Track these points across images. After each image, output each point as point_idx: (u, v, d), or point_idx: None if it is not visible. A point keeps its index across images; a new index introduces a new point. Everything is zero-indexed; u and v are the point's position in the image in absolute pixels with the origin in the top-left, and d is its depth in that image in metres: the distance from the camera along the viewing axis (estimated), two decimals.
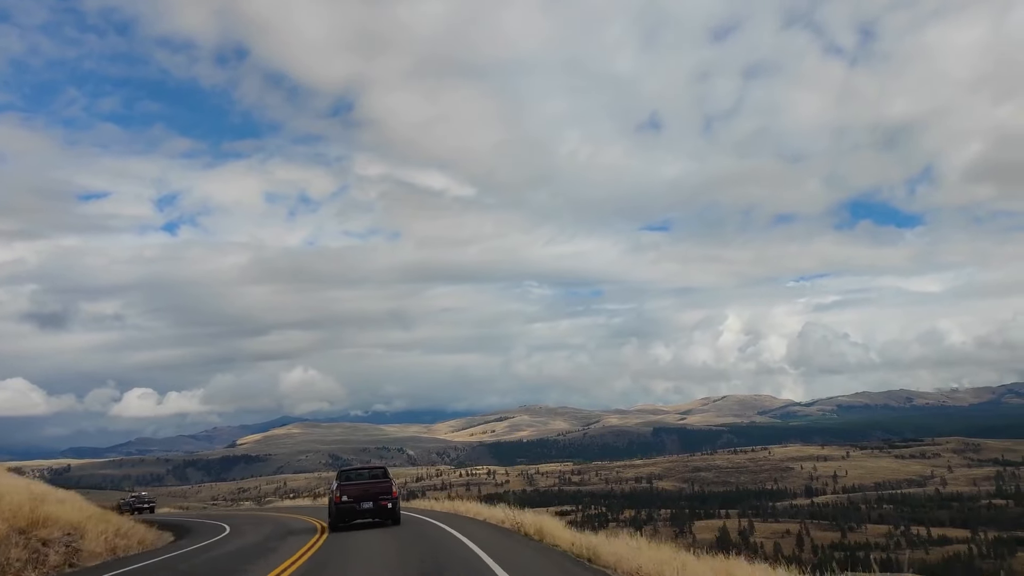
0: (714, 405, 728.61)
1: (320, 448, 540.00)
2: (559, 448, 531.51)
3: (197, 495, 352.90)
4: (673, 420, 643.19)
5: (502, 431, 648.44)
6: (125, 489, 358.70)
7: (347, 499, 23.42)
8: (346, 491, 23.70)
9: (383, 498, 23.55)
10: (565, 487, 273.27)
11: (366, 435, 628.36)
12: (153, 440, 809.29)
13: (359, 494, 23.62)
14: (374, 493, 23.67)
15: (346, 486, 23.98)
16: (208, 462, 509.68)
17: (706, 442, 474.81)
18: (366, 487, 24.03)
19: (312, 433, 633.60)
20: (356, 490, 23.77)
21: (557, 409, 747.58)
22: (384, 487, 24.05)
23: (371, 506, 23.38)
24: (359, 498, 23.49)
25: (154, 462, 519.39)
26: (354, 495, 23.55)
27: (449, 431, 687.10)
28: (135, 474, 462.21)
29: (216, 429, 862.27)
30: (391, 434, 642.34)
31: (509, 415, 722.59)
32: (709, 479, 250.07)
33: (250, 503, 77.45)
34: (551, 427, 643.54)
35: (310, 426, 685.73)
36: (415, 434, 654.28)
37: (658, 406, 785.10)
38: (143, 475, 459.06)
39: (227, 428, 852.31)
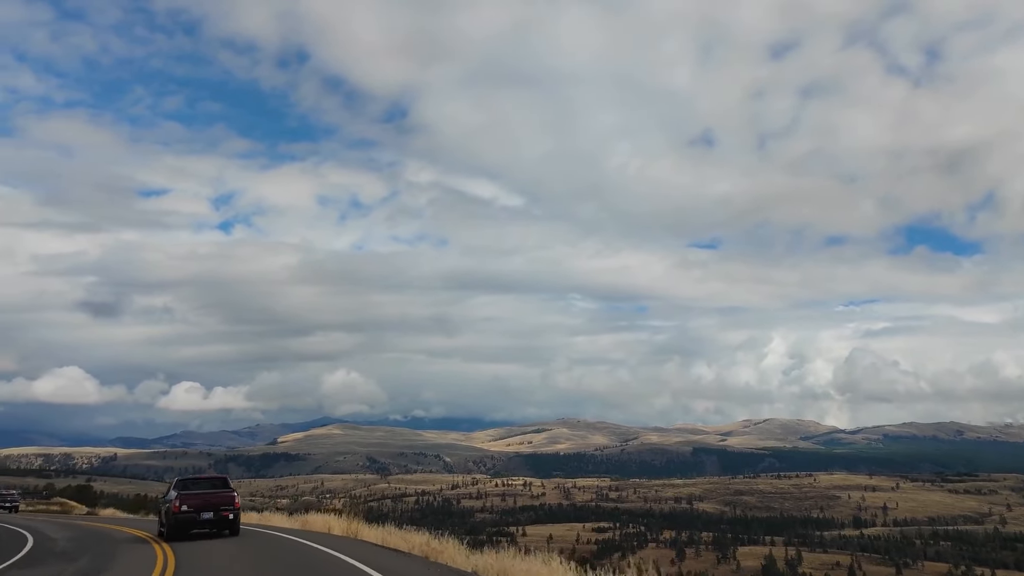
0: (756, 428, 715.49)
1: (358, 450, 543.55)
2: (596, 463, 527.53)
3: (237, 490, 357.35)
4: (713, 441, 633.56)
5: (539, 443, 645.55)
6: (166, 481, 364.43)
7: (187, 509, 22.26)
8: (186, 500, 22.51)
9: (225, 509, 22.50)
10: (602, 503, 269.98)
11: (404, 440, 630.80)
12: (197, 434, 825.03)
13: (200, 504, 22.50)
14: (215, 503, 22.60)
15: (186, 495, 22.73)
16: (249, 458, 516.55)
17: (747, 465, 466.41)
18: (208, 497, 22.92)
19: (351, 435, 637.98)
20: (197, 500, 22.62)
21: (596, 424, 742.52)
22: (227, 497, 23.03)
23: (212, 516, 22.34)
24: (200, 508, 22.39)
25: (197, 455, 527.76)
26: (195, 505, 22.41)
27: (487, 440, 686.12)
28: (178, 466, 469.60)
29: (259, 426, 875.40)
30: (429, 440, 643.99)
31: (547, 427, 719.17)
32: (751, 503, 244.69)
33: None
34: (589, 441, 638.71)
35: (350, 428, 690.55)
36: (453, 441, 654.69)
37: (698, 426, 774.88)
38: (186, 467, 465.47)
39: (269, 425, 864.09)
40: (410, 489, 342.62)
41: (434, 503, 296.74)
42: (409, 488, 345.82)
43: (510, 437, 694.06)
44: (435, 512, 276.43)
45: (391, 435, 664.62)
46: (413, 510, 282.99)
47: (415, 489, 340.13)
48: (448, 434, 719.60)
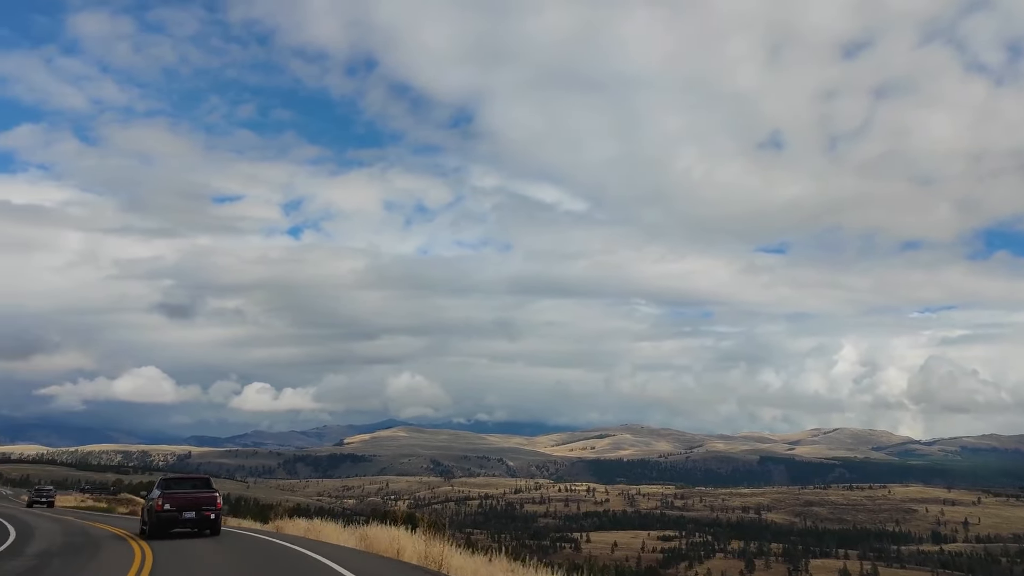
0: (825, 437, 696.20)
1: (422, 453, 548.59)
2: (660, 470, 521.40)
3: (304, 490, 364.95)
4: (781, 450, 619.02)
5: (602, 448, 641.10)
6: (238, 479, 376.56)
7: (170, 508, 22.40)
8: (169, 500, 22.65)
9: (207, 508, 22.59)
10: (668, 511, 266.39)
11: (467, 443, 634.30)
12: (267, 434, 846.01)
13: (183, 503, 22.61)
14: (198, 503, 22.67)
15: (169, 495, 22.87)
16: (317, 458, 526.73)
17: (816, 475, 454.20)
18: (190, 497, 23.00)
19: (416, 437, 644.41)
20: (180, 499, 22.72)
21: (659, 430, 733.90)
22: (209, 497, 23.09)
23: (194, 516, 22.45)
24: (182, 507, 22.49)
25: (267, 455, 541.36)
26: (177, 504, 22.53)
27: (549, 445, 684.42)
28: (249, 465, 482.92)
29: (326, 427, 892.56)
30: (492, 444, 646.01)
31: (610, 433, 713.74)
32: (823, 515, 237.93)
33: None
34: (653, 448, 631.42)
35: (414, 430, 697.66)
36: (516, 446, 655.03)
37: (764, 434, 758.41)
38: (256, 467, 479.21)
39: (336, 427, 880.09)
40: (473, 492, 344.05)
41: (497, 507, 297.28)
42: (472, 491, 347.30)
43: (573, 442, 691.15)
44: (498, 516, 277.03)
45: (455, 438, 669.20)
46: (476, 513, 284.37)
47: (478, 492, 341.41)
48: (511, 438, 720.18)
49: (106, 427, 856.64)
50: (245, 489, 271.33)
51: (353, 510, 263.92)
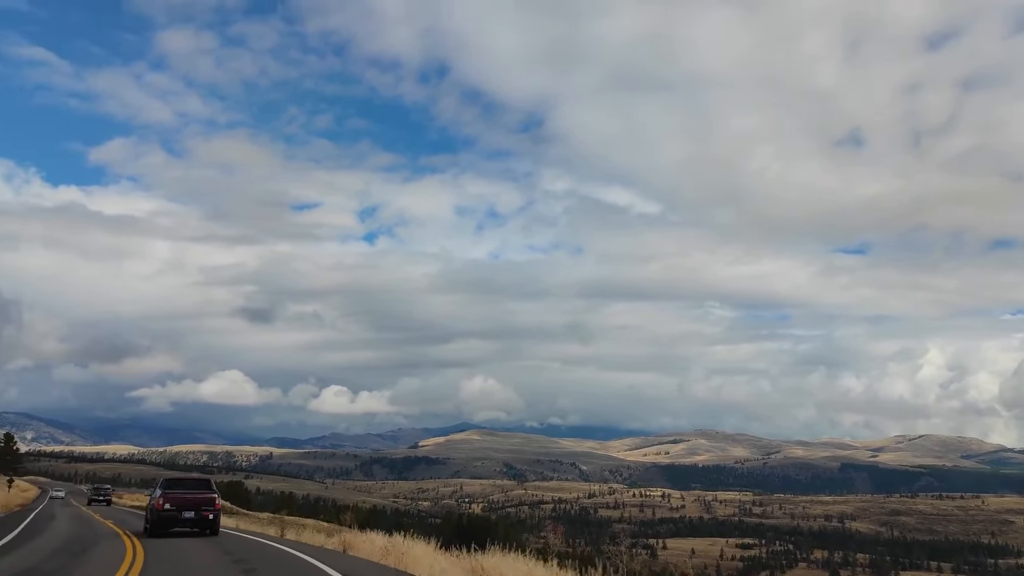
0: (910, 444, 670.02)
1: (495, 456, 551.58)
2: (736, 476, 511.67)
3: (380, 491, 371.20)
4: (863, 457, 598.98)
5: (677, 454, 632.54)
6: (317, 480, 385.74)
7: (170, 507, 22.61)
8: (169, 499, 22.87)
9: (206, 509, 22.81)
10: (746, 518, 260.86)
11: (540, 447, 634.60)
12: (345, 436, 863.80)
13: (182, 503, 22.82)
14: (197, 503, 22.90)
15: (169, 494, 23.11)
16: (392, 460, 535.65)
17: (902, 483, 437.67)
18: (190, 497, 23.24)
19: (489, 441, 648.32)
20: (180, 499, 22.95)
21: (735, 435, 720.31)
22: (208, 498, 23.32)
23: (193, 516, 22.67)
24: (182, 507, 22.71)
25: (344, 456, 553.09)
26: (177, 503, 22.75)
27: (623, 449, 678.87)
28: (327, 466, 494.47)
29: (401, 430, 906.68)
30: (565, 448, 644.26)
31: (684, 438, 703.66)
32: (910, 525, 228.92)
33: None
34: (729, 454, 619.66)
35: (487, 434, 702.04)
36: (589, 450, 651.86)
37: (845, 440, 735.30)
38: (334, 468, 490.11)
39: (411, 430, 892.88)
40: (547, 496, 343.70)
41: (571, 511, 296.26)
42: (546, 495, 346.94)
43: (646, 447, 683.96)
44: (572, 520, 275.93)
45: (527, 442, 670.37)
46: (550, 517, 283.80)
47: (552, 496, 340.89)
48: (584, 442, 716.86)
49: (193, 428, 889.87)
50: (323, 490, 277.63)
51: (428, 512, 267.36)
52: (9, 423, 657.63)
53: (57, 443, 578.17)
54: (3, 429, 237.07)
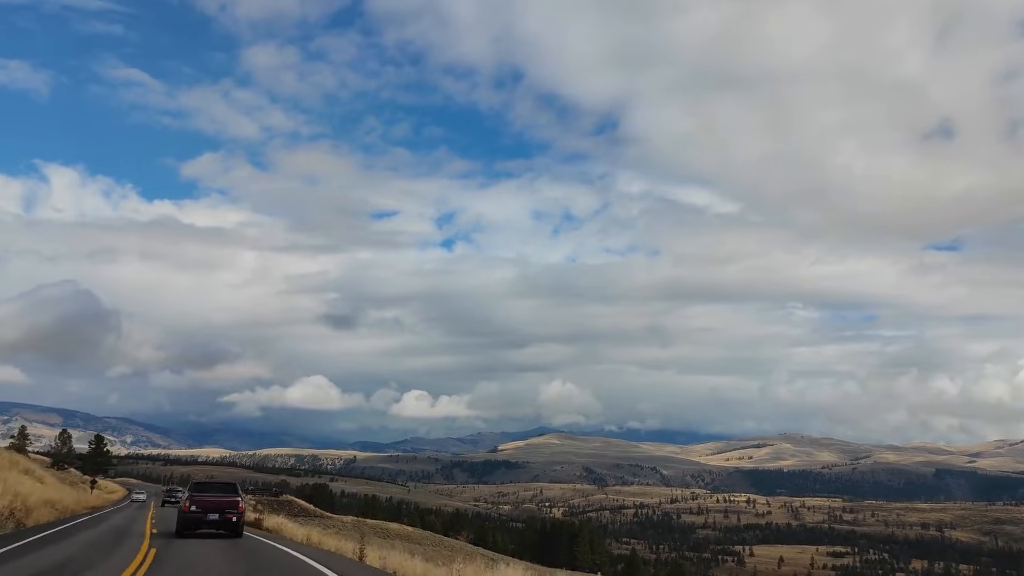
0: (1012, 449, 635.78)
1: (575, 460, 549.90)
2: (824, 482, 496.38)
3: (461, 495, 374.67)
4: (960, 462, 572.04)
5: (761, 458, 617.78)
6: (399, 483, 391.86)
7: (195, 509, 23.48)
8: (196, 501, 23.77)
9: (229, 511, 23.65)
10: (836, 525, 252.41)
11: (620, 451, 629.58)
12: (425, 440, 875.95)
13: (208, 505, 23.66)
14: (222, 506, 23.73)
15: (196, 497, 24.12)
16: (472, 464, 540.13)
17: (1003, 490, 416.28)
18: (215, 500, 24.11)
19: (568, 445, 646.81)
20: (205, 501, 23.83)
21: (821, 440, 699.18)
22: (232, 501, 24.13)
23: (217, 518, 23.50)
24: (207, 509, 23.55)
25: (425, 460, 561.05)
26: (203, 506, 23.60)
27: (705, 454, 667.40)
28: (409, 470, 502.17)
29: (480, 434, 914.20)
30: (645, 452, 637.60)
31: (768, 442, 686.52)
32: (1016, 535, 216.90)
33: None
34: (816, 458, 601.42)
35: (566, 438, 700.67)
36: (669, 454, 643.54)
37: (940, 445, 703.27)
38: (416, 471, 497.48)
39: (490, 433, 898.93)
40: (628, 501, 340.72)
41: (653, 516, 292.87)
42: (627, 500, 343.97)
43: (729, 451, 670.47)
44: (655, 526, 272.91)
45: (607, 446, 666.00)
46: (632, 523, 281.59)
47: (633, 501, 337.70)
48: (664, 447, 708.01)
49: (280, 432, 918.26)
50: (406, 493, 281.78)
51: (509, 516, 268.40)
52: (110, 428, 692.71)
53: (154, 447, 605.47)
54: (104, 433, 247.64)
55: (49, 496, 29.96)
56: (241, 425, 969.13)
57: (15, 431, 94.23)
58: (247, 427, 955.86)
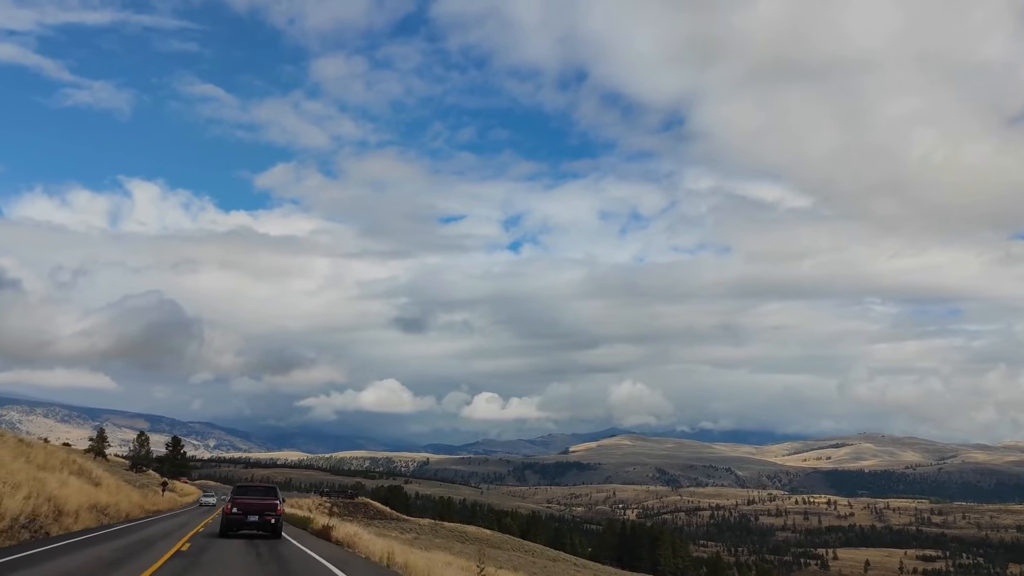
0: None
1: (647, 461, 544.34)
2: (908, 482, 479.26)
3: (534, 497, 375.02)
4: None
5: (840, 458, 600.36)
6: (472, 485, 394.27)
7: (237, 511, 24.43)
8: (237, 504, 24.72)
9: (268, 514, 24.55)
10: (923, 527, 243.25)
11: (693, 452, 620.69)
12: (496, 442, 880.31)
13: (248, 508, 24.62)
14: (261, 508, 24.66)
15: (238, 499, 25.10)
16: (544, 466, 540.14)
17: None
18: (255, 502, 25.01)
19: (640, 446, 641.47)
20: (246, 504, 24.77)
21: (904, 439, 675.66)
22: (270, 504, 24.98)
23: (257, 519, 24.49)
24: (247, 511, 24.51)
25: (497, 462, 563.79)
26: (243, 508, 24.56)
27: (781, 454, 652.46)
28: (481, 472, 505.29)
29: (551, 435, 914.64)
30: (719, 453, 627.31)
31: (847, 442, 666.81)
32: None
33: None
34: (898, 458, 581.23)
35: (638, 439, 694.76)
36: (744, 455, 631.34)
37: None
38: (488, 473, 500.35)
39: (561, 435, 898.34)
40: (703, 503, 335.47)
41: (730, 518, 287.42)
42: (702, 502, 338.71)
43: (806, 452, 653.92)
44: (732, 528, 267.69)
45: (680, 447, 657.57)
46: (708, 525, 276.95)
47: (708, 503, 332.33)
48: (739, 447, 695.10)
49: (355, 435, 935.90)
50: (479, 495, 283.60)
51: (583, 518, 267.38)
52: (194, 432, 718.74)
53: (236, 450, 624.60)
54: (188, 438, 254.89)
55: (98, 500, 27.90)
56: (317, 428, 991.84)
57: (106, 436, 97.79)
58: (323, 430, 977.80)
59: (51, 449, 36.29)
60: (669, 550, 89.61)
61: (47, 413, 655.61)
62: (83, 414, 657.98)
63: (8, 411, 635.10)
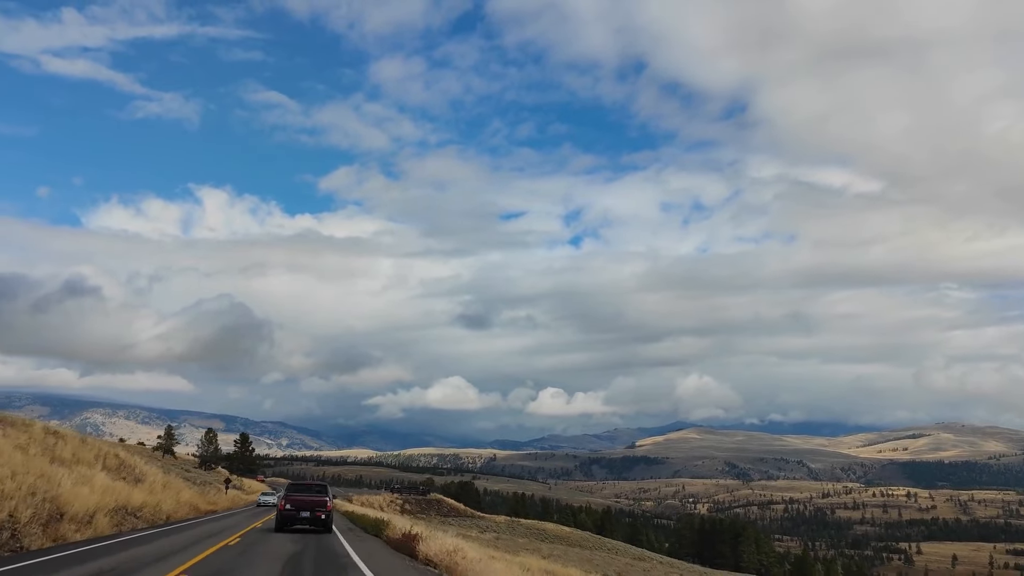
0: None
1: (716, 455, 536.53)
2: (992, 473, 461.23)
3: (601, 492, 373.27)
4: None
5: (917, 449, 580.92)
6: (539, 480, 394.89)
7: (290, 507, 25.75)
8: (290, 500, 26.10)
9: (319, 510, 25.81)
10: (1013, 520, 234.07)
11: (763, 445, 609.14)
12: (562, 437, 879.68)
13: (300, 504, 25.88)
14: (313, 505, 25.91)
15: (291, 496, 26.49)
16: (610, 460, 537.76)
17: None
18: (307, 499, 26.27)
19: (708, 439, 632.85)
20: (298, 501, 26.05)
21: (986, 428, 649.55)
22: (321, 501, 26.24)
23: (308, 515, 25.68)
24: (300, 508, 25.75)
25: (563, 457, 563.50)
26: (296, 504, 25.84)
27: (855, 446, 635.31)
28: (547, 467, 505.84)
29: (617, 430, 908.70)
30: (790, 445, 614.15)
31: (925, 432, 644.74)
32: None
33: None
34: (981, 449, 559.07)
35: (706, 432, 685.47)
36: (816, 447, 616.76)
37: None
38: (554, 468, 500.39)
39: (627, 429, 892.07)
40: (776, 496, 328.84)
41: (805, 512, 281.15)
42: (775, 495, 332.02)
43: (881, 443, 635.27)
44: (807, 522, 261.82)
45: (749, 440, 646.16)
46: (782, 518, 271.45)
47: (781, 496, 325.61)
48: (811, 439, 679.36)
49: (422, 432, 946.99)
50: (547, 490, 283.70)
51: (653, 513, 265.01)
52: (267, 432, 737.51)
53: (307, 448, 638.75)
54: (261, 437, 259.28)
55: (130, 500, 24.48)
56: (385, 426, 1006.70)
57: (184, 436, 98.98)
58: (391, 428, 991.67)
59: (90, 442, 33.63)
60: (752, 546, 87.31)
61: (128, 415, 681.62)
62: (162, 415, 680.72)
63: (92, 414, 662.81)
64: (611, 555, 63.52)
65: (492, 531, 67.82)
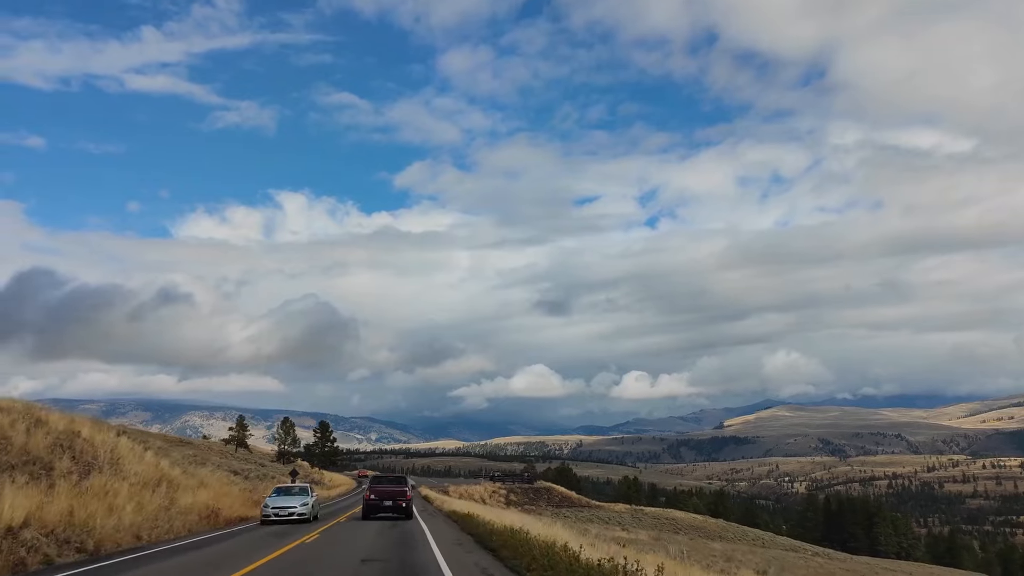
0: None
1: (809, 432, 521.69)
2: None
3: (692, 474, 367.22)
4: None
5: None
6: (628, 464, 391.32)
7: (374, 497, 28.96)
8: (374, 491, 29.33)
9: (400, 499, 28.86)
10: None
11: (857, 419, 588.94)
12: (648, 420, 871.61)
13: (383, 494, 29.06)
14: (394, 495, 29.02)
15: (375, 488, 29.78)
16: (699, 442, 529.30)
17: None
18: (389, 490, 29.43)
19: (800, 416, 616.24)
20: (381, 491, 29.29)
21: None
22: (401, 491, 29.34)
23: (391, 504, 28.74)
24: (383, 497, 28.93)
25: (651, 440, 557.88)
26: (379, 495, 29.06)
27: (957, 416, 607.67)
28: (635, 451, 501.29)
29: (703, 411, 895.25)
30: (887, 419, 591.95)
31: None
32: None
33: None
34: None
35: (796, 409, 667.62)
36: (915, 419, 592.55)
37: None
38: (642, 452, 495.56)
39: (713, 410, 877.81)
40: (877, 472, 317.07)
41: (910, 487, 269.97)
42: (876, 471, 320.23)
43: (985, 412, 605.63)
44: (913, 497, 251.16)
45: (843, 415, 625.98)
46: (887, 495, 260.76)
47: (883, 472, 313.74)
48: (909, 412, 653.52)
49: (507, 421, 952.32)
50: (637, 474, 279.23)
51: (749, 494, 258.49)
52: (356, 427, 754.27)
53: (396, 442, 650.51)
54: (351, 432, 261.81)
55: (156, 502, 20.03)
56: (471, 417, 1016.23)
57: (275, 435, 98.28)
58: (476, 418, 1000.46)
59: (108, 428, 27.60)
60: (890, 527, 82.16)
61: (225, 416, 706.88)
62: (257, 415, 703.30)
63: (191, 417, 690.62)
64: (756, 546, 60.46)
65: (617, 524, 64.82)
